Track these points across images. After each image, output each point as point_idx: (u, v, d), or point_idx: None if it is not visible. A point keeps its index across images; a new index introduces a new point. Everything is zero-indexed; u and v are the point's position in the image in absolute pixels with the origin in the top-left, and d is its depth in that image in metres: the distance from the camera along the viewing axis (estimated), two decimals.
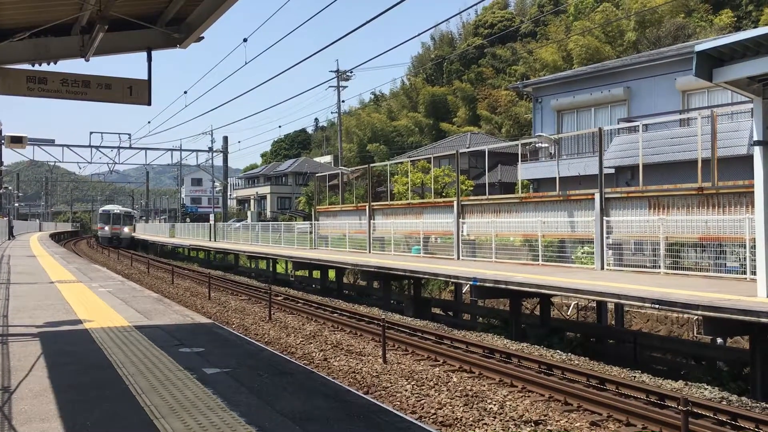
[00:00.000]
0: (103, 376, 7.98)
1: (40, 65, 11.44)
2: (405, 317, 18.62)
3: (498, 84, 60.37)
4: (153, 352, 9.50)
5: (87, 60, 11.41)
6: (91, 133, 46.39)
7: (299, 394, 7.38)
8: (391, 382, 10.74)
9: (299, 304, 20.43)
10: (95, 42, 10.51)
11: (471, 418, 8.84)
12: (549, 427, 8.62)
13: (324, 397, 7.27)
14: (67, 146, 48.64)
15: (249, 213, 76.97)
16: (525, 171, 28.51)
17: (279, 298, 21.58)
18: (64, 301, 15.27)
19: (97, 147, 47.28)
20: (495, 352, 12.96)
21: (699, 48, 10.86)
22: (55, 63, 11.63)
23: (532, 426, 8.62)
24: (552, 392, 10.00)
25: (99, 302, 15.22)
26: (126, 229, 71.01)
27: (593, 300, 16.28)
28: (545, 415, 9.02)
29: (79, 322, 12.17)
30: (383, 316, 12.33)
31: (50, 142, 48.03)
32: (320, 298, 22.76)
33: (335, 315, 18.06)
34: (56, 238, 75.17)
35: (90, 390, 7.29)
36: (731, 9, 44.60)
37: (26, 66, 11.36)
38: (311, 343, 14.34)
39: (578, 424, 8.74)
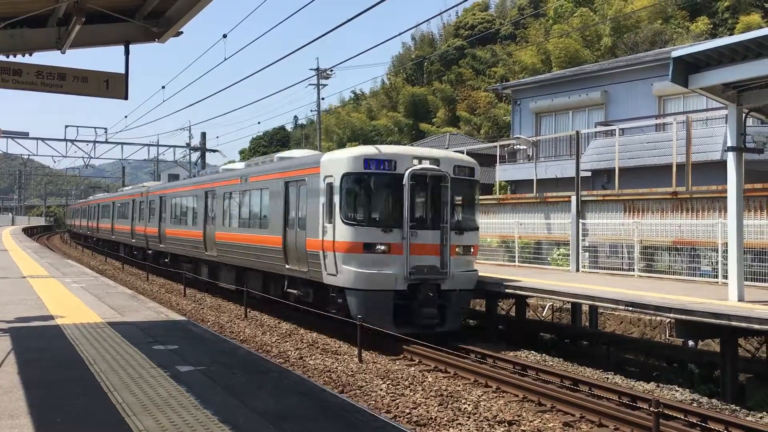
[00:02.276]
0: (74, 372, 7.88)
1: (14, 57, 11.27)
2: None
3: (478, 85, 60.59)
4: (126, 349, 9.40)
5: (63, 52, 11.26)
6: (66, 126, 45.49)
7: (274, 392, 7.35)
8: (366, 382, 10.74)
9: (275, 302, 20.27)
10: (72, 34, 10.37)
11: (445, 418, 8.86)
12: (522, 428, 8.67)
13: (299, 396, 7.25)
14: (42, 139, 47.80)
15: None
16: (503, 172, 28.65)
17: (255, 296, 21.40)
18: (36, 296, 15.05)
19: (72, 141, 46.56)
20: (470, 352, 13.00)
21: (676, 54, 11.02)
22: (31, 55, 11.46)
23: (505, 426, 8.67)
24: (526, 393, 10.06)
25: (72, 298, 15.03)
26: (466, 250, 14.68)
27: (568, 301, 16.41)
28: (519, 416, 9.07)
29: (51, 317, 12.02)
30: (359, 316, 12.30)
31: (24, 135, 47.22)
32: None
33: (311, 313, 17.95)
34: (29, 232, 73.99)
35: (61, 387, 7.19)
36: (708, 16, 45.14)
37: (1, 57, 11.18)
38: (287, 341, 14.28)
39: (551, 424, 8.80)
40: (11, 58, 11.19)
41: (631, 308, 11.54)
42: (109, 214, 42.06)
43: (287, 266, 16.13)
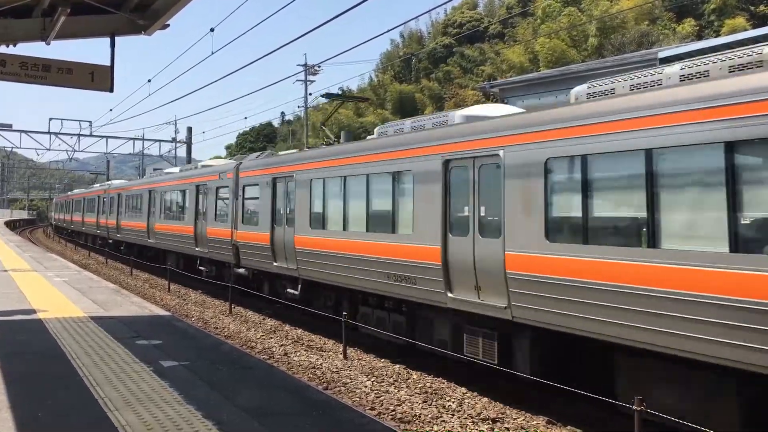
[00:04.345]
0: (56, 367, 7.82)
1: None
2: None
3: (465, 84, 60.76)
4: (109, 343, 9.34)
5: (48, 43, 11.16)
6: (50, 119, 45.23)
7: (258, 388, 7.32)
8: (351, 378, 10.72)
9: (260, 298, 20.23)
10: (57, 25, 10.28)
11: (430, 416, 8.87)
12: (506, 425, 8.69)
13: (283, 392, 7.23)
14: (25, 132, 47.45)
15: None
16: None
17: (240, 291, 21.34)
18: (18, 289, 14.92)
19: (56, 134, 46.19)
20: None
21: (662, 54, 11.09)
22: (15, 45, 11.35)
23: (489, 424, 8.69)
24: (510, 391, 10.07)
25: (54, 292, 14.91)
26: None
27: None
28: (503, 413, 9.09)
29: (33, 311, 11.92)
30: (344, 312, 12.30)
31: (7, 127, 46.77)
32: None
33: (296, 310, 17.94)
34: (11, 226, 73.27)
35: (42, 381, 7.13)
36: (694, 18, 45.53)
37: None
38: (272, 337, 14.24)
39: (535, 421, 8.83)
40: None
41: None
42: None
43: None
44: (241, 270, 17.93)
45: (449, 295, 9.92)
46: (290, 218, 15.01)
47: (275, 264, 15.61)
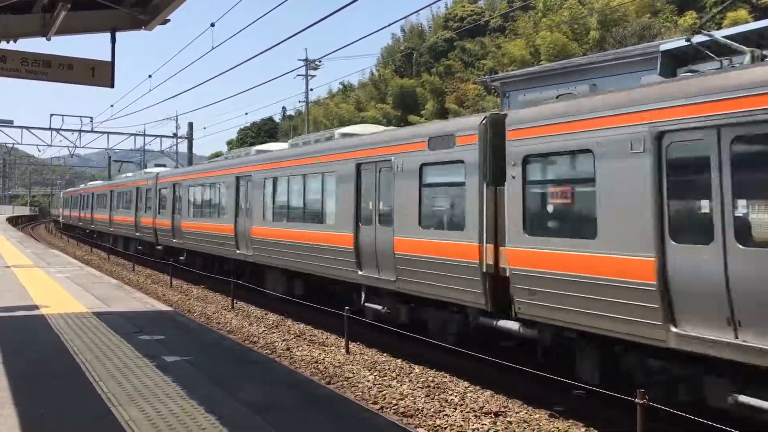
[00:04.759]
0: (59, 363, 7.83)
1: None
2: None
3: (466, 78, 60.63)
4: (112, 339, 9.35)
5: (48, 39, 11.14)
6: (51, 115, 45.42)
7: (260, 383, 7.34)
8: (353, 373, 10.73)
9: (263, 293, 20.21)
10: (57, 21, 10.26)
11: (432, 409, 8.88)
12: (509, 419, 8.70)
13: (286, 387, 7.25)
14: (26, 128, 47.48)
15: None
16: None
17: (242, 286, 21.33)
18: (21, 285, 14.95)
19: (57, 130, 46.23)
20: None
21: (664, 48, 11.07)
22: (15, 41, 11.34)
23: (492, 417, 8.69)
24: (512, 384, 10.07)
25: (57, 288, 14.93)
26: None
27: None
28: (505, 407, 9.10)
29: (36, 307, 11.94)
30: (346, 308, 12.30)
31: (9, 123, 46.84)
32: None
33: (299, 304, 17.92)
34: (13, 222, 73.35)
35: (46, 377, 7.15)
36: (696, 11, 45.40)
37: None
38: (274, 332, 14.25)
39: (537, 415, 8.84)
40: None
41: None
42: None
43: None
44: (512, 325, 9.49)
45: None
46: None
47: (676, 330, 6.96)
